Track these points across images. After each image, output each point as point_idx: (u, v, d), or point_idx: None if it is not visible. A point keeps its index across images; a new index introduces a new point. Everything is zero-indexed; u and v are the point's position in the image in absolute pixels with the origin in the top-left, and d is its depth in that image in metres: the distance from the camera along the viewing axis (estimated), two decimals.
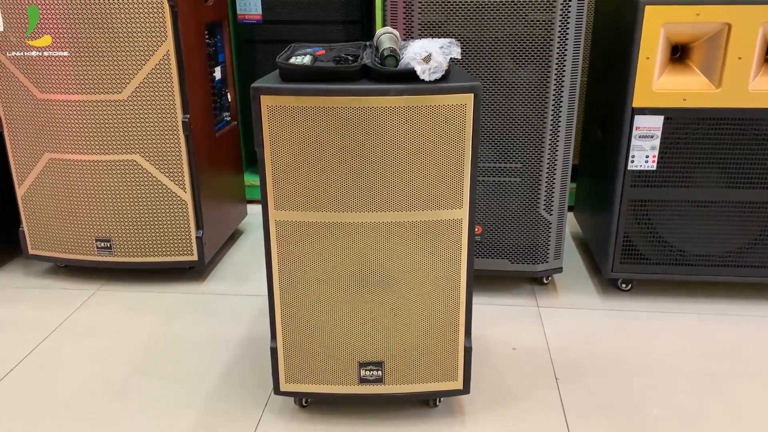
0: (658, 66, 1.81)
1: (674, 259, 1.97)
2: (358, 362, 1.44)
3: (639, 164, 1.88)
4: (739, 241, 1.93)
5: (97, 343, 1.86)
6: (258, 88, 1.25)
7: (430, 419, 1.53)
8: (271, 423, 1.53)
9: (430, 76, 1.24)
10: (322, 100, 1.24)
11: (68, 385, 1.67)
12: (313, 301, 1.40)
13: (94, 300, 2.10)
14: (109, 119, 1.98)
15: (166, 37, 1.90)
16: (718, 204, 1.91)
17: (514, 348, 1.82)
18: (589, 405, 1.58)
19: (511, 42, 1.82)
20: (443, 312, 1.41)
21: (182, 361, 1.77)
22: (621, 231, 1.96)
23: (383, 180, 1.29)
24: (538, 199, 1.95)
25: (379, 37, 1.37)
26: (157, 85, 1.95)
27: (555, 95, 1.85)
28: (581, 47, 1.81)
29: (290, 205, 1.32)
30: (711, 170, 1.88)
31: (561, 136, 1.89)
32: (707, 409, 1.56)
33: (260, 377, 1.69)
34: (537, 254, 2.01)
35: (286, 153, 1.29)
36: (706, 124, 1.83)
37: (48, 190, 2.10)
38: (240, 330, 1.92)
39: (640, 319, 1.96)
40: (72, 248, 2.14)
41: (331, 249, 1.35)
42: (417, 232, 1.34)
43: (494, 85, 1.87)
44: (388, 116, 1.25)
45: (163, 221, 2.09)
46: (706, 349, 1.81)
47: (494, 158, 1.93)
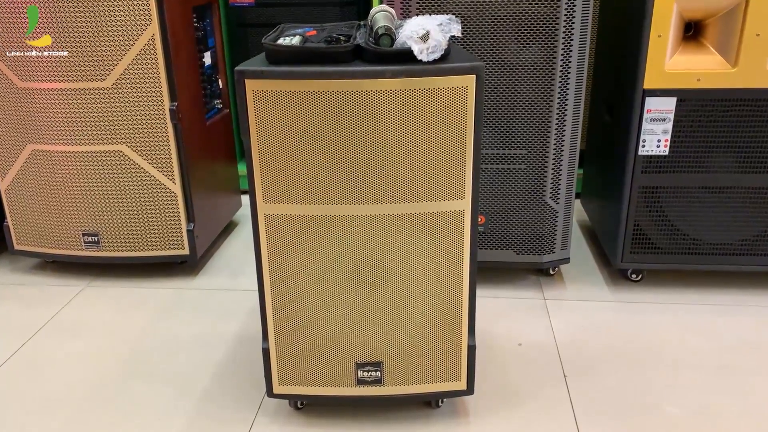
0: (671, 45, 1.73)
1: (687, 248, 1.90)
2: (355, 363, 1.37)
3: (650, 149, 1.80)
4: (756, 229, 1.86)
5: (85, 342, 1.79)
6: (242, 71, 1.16)
7: (433, 421, 1.46)
8: (265, 426, 1.46)
9: (428, 56, 1.16)
10: (311, 84, 1.15)
11: (54, 387, 1.60)
12: (307, 300, 1.32)
13: (82, 296, 2.03)
14: (93, 108, 1.89)
15: (151, 21, 1.82)
16: (734, 190, 1.83)
17: (520, 343, 1.75)
18: (599, 403, 1.51)
19: (515, 20, 1.73)
20: (445, 309, 1.33)
21: (173, 361, 1.70)
22: (631, 219, 1.88)
23: (379, 170, 1.21)
24: (544, 186, 1.87)
25: (373, 16, 1.29)
26: (143, 71, 1.86)
27: (561, 76, 1.76)
28: (589, 26, 1.73)
29: (280, 197, 1.24)
30: (726, 154, 1.80)
31: (568, 120, 1.80)
32: (726, 407, 1.49)
33: (254, 377, 1.61)
34: (543, 244, 1.94)
35: (275, 141, 1.20)
36: (721, 105, 1.75)
37: (32, 183, 2.01)
38: (233, 327, 1.85)
39: (652, 312, 1.88)
40: (59, 243, 2.07)
41: (325, 244, 1.27)
42: (416, 225, 1.26)
43: (497, 66, 1.78)
44: (383, 100, 1.17)
45: (152, 214, 2.01)
46: (723, 342, 1.74)
47: (498, 144, 1.84)
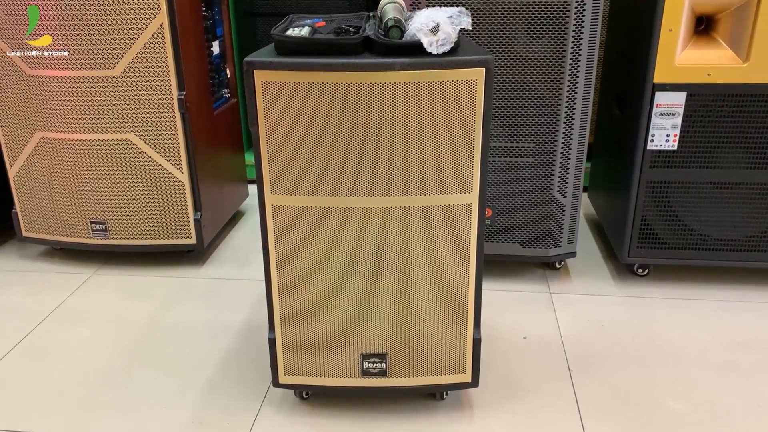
0: (682, 39, 1.71)
1: (694, 244, 1.88)
2: (361, 354, 1.37)
3: (659, 144, 1.79)
4: (763, 225, 1.85)
5: (91, 330, 1.80)
6: (251, 62, 1.16)
7: (437, 413, 1.46)
8: (270, 416, 1.46)
9: (437, 48, 1.15)
10: (320, 75, 1.15)
11: (61, 374, 1.61)
12: (314, 291, 1.32)
13: (89, 284, 2.04)
14: (102, 96, 1.89)
15: (160, 10, 1.81)
16: (742, 186, 1.82)
17: (525, 337, 1.74)
18: (604, 398, 1.51)
19: (525, 12, 1.72)
20: (451, 302, 1.33)
21: (179, 350, 1.71)
22: (638, 214, 1.87)
23: (387, 162, 1.21)
24: (552, 180, 1.86)
25: (383, 7, 1.28)
26: (151, 60, 1.86)
27: (571, 70, 1.74)
28: (599, 18, 1.71)
29: (287, 189, 1.24)
30: (735, 150, 1.79)
31: (577, 113, 1.79)
32: (731, 403, 1.49)
33: (260, 367, 1.62)
34: (549, 238, 1.93)
35: (283, 132, 1.20)
36: (731, 101, 1.74)
37: (40, 170, 2.02)
38: (240, 316, 1.85)
39: (658, 307, 1.87)
40: (66, 230, 2.07)
41: (332, 235, 1.27)
42: (423, 218, 1.25)
43: (506, 59, 1.77)
44: (392, 92, 1.16)
45: (159, 203, 2.01)
46: (729, 338, 1.73)
47: (506, 137, 1.83)
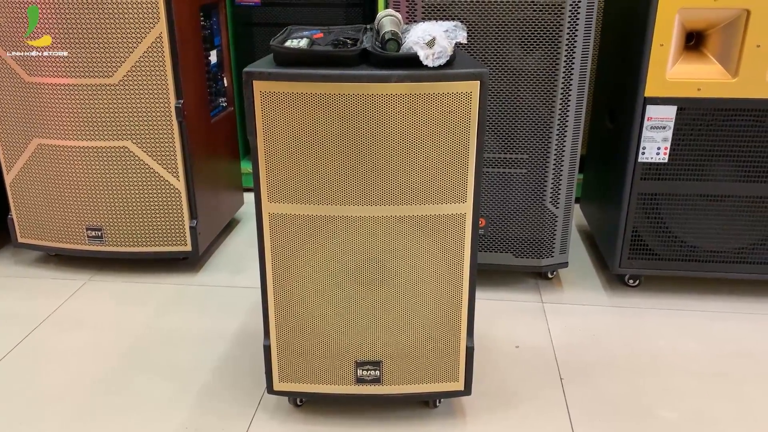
0: (672, 54, 1.74)
1: (684, 255, 1.91)
2: (355, 361, 1.38)
3: (650, 156, 1.82)
4: (753, 237, 1.88)
5: (86, 336, 1.80)
6: (250, 72, 1.18)
7: (430, 421, 1.48)
8: (264, 423, 1.47)
9: (433, 61, 1.17)
10: (318, 86, 1.17)
11: (55, 380, 1.62)
12: (309, 298, 1.34)
13: (84, 290, 2.04)
14: (100, 104, 1.91)
15: (159, 19, 1.83)
16: (732, 198, 1.85)
17: (517, 346, 1.76)
18: (595, 406, 1.53)
19: (519, 27, 1.75)
20: (444, 311, 1.35)
21: (174, 356, 1.71)
22: (629, 225, 1.90)
23: (383, 172, 1.23)
24: (545, 191, 1.88)
25: (380, 20, 1.30)
26: (149, 69, 1.88)
27: (564, 83, 1.77)
28: (592, 33, 1.74)
29: (285, 197, 1.26)
30: (725, 163, 1.82)
31: (569, 126, 1.82)
32: (720, 412, 1.51)
33: (254, 374, 1.63)
34: (542, 248, 1.95)
35: (281, 142, 1.22)
36: (721, 115, 1.77)
37: (37, 177, 2.03)
38: (234, 323, 1.86)
39: (648, 317, 1.90)
40: (62, 237, 2.08)
41: (328, 244, 1.29)
42: (418, 227, 1.27)
43: (501, 72, 1.79)
44: (388, 104, 1.18)
45: (155, 210, 2.02)
46: (718, 348, 1.75)
47: (499, 149, 1.86)
